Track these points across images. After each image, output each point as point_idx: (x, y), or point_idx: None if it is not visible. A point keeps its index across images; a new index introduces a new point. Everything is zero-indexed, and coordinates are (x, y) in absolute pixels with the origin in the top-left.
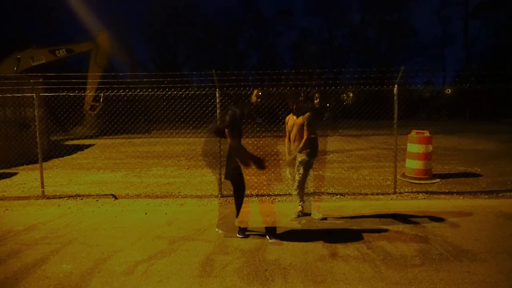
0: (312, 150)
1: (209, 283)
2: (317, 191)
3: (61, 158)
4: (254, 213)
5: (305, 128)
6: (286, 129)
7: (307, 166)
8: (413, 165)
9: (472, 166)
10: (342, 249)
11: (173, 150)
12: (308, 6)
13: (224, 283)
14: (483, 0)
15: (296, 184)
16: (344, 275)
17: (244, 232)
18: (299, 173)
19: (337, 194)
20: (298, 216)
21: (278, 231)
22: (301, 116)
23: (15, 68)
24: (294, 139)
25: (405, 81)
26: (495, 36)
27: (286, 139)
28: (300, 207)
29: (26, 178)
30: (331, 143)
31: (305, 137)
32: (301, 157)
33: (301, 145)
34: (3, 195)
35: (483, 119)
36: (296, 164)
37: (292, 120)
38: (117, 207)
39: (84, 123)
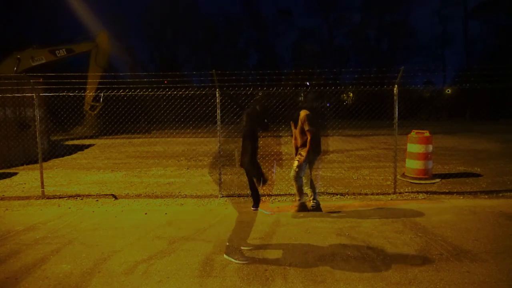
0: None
1: (209, 283)
2: (317, 191)
3: (61, 158)
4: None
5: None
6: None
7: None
8: (413, 165)
9: (472, 166)
10: (342, 249)
11: (173, 150)
12: (308, 6)
13: (224, 283)
14: (482, 0)
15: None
16: (344, 275)
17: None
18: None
19: (337, 194)
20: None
21: (278, 231)
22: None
23: (15, 68)
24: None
25: (405, 81)
26: (495, 36)
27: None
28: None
29: (26, 178)
30: (331, 143)
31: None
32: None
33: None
34: (3, 195)
35: (483, 119)
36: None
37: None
38: (117, 207)
39: (84, 123)
